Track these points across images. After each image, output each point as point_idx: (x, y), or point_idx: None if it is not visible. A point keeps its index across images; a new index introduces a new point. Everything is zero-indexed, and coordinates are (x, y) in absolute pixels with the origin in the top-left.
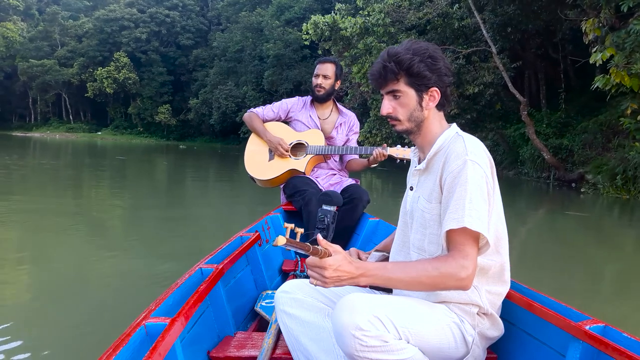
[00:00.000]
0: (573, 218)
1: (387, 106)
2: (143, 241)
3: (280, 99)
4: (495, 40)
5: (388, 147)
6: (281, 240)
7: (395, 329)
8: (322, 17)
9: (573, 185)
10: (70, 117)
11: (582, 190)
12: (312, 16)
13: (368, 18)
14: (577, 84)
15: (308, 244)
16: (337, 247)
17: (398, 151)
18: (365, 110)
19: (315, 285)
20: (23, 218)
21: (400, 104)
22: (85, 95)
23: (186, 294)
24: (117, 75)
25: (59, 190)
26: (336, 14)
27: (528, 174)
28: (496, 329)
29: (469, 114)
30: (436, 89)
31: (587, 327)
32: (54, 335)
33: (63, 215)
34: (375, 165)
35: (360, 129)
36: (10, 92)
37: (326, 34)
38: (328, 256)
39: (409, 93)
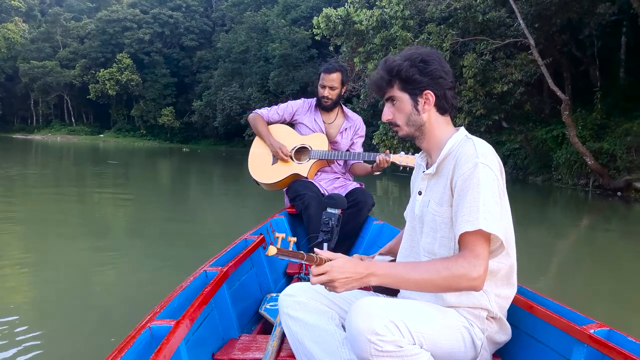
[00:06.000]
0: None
1: (387, 113)
2: (148, 246)
3: (286, 101)
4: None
5: (391, 154)
6: (272, 250)
7: (410, 334)
8: (335, 10)
9: (619, 194)
10: (72, 119)
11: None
12: (324, 9)
13: (385, 10)
14: (602, 84)
15: (301, 252)
16: (338, 254)
17: (401, 158)
18: (375, 112)
19: (329, 290)
20: (26, 225)
21: (397, 109)
22: (88, 97)
23: (191, 296)
24: (119, 77)
25: (61, 196)
26: (349, 7)
27: (562, 180)
28: (504, 334)
29: (496, 114)
30: (430, 91)
31: (591, 331)
32: (59, 338)
33: (66, 221)
34: (378, 172)
35: (376, 132)
36: (11, 94)
37: (339, 28)
38: (325, 262)
39: (403, 98)
